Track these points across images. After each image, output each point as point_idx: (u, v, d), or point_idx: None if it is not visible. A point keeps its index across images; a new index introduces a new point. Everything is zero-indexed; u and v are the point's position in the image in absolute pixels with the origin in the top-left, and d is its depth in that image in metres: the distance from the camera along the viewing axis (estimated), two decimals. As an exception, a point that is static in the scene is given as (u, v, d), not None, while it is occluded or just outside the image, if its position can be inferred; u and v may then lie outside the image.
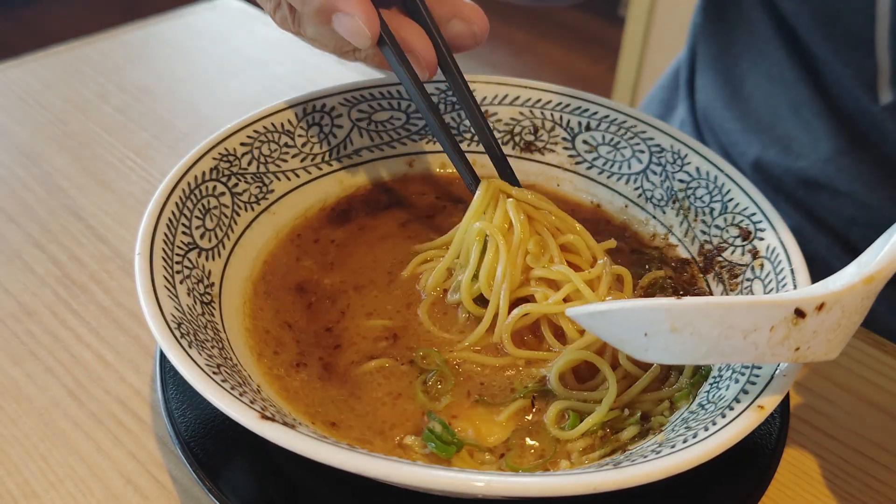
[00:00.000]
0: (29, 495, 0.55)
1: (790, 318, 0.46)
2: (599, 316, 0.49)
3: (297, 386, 0.55)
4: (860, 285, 0.46)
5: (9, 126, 0.90)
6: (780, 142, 0.88)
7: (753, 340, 0.46)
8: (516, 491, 0.42)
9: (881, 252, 0.47)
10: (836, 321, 0.47)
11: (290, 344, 0.58)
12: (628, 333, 0.48)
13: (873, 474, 0.59)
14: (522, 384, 0.56)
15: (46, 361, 0.64)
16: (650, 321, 0.47)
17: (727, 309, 0.45)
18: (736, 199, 0.63)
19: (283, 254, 0.65)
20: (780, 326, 0.46)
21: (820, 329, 0.46)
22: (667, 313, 0.46)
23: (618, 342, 0.49)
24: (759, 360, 0.47)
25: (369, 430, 0.53)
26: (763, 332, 0.46)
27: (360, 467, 0.42)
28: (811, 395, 0.65)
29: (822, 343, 0.47)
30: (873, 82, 0.77)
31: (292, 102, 0.69)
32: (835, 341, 0.47)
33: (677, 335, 0.46)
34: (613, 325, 0.48)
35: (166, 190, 0.58)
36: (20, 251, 0.74)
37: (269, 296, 0.62)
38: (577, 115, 0.73)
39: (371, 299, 0.62)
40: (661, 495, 0.52)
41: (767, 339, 0.46)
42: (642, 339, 0.47)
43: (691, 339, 0.46)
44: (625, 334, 0.48)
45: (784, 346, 0.46)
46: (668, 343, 0.47)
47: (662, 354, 0.48)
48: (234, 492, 0.51)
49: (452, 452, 0.51)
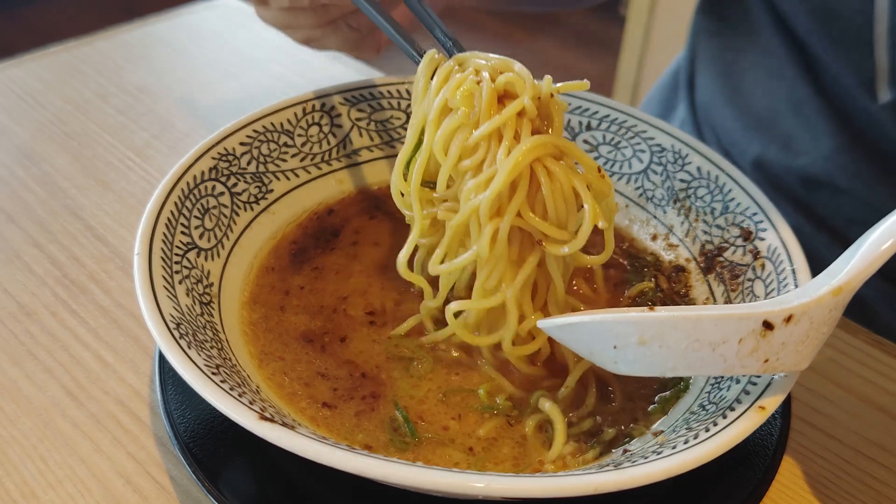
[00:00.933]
0: (28, 496, 0.54)
1: (758, 331, 0.46)
2: (569, 328, 0.50)
3: (297, 388, 0.55)
4: (828, 296, 0.46)
5: (8, 126, 0.90)
6: (780, 140, 0.88)
7: (722, 353, 0.46)
8: (517, 492, 0.42)
9: (849, 263, 0.47)
10: (804, 332, 0.47)
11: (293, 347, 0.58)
12: (598, 345, 0.49)
13: (874, 474, 0.59)
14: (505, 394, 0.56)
15: (45, 362, 0.64)
16: (619, 334, 0.47)
17: (695, 322, 0.46)
18: (737, 199, 0.63)
19: (281, 253, 0.65)
20: (749, 339, 0.46)
21: (789, 341, 0.46)
22: (635, 326, 0.46)
23: (588, 354, 0.50)
24: (729, 371, 0.47)
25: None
26: (731, 344, 0.46)
27: (360, 468, 0.42)
28: (812, 396, 0.64)
29: (792, 354, 0.47)
30: (872, 81, 0.77)
31: (292, 102, 0.68)
32: (804, 352, 0.47)
33: (646, 347, 0.47)
34: (583, 336, 0.49)
35: (165, 190, 0.58)
36: (19, 251, 0.74)
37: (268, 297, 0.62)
38: (577, 114, 0.72)
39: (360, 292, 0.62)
40: (662, 496, 0.52)
41: (736, 351, 0.46)
42: (611, 351, 0.48)
43: (660, 351, 0.47)
44: (594, 346, 0.49)
45: (753, 357, 0.46)
46: (636, 355, 0.47)
47: (632, 366, 0.48)
48: (234, 492, 0.51)
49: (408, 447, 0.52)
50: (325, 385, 0.56)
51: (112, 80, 0.99)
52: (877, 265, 0.47)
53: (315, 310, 0.61)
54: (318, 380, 0.56)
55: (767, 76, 0.88)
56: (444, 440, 0.53)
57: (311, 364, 0.57)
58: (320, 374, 0.56)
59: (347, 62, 1.06)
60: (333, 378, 0.56)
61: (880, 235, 0.47)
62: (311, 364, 0.57)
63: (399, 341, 0.59)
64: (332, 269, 0.65)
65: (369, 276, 0.64)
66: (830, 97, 0.83)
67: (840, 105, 0.82)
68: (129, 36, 1.09)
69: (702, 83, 0.98)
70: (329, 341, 0.59)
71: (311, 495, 0.52)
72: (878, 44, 0.75)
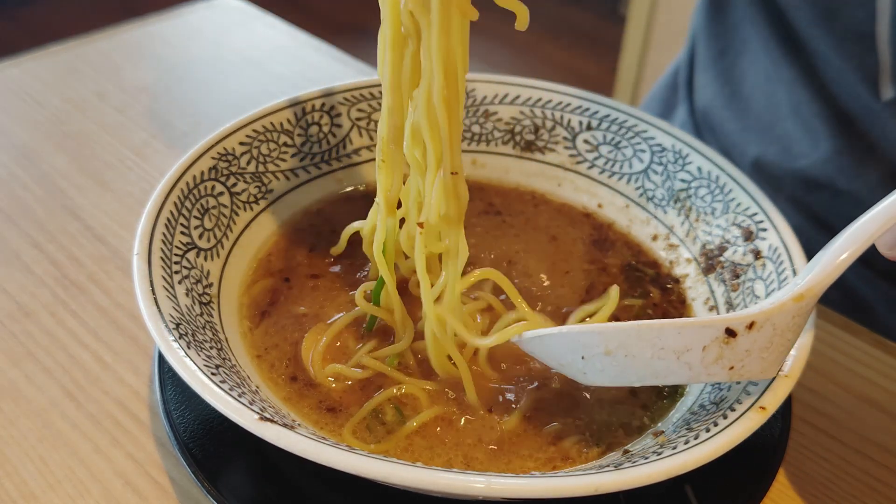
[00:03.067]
0: (27, 496, 0.54)
1: (721, 338, 0.46)
2: (538, 341, 0.51)
3: (297, 388, 0.55)
4: (790, 303, 0.47)
5: (7, 125, 0.90)
6: (780, 141, 0.88)
7: (686, 361, 0.47)
8: (517, 492, 0.42)
9: (812, 271, 0.48)
10: (768, 339, 0.47)
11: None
12: (566, 357, 0.50)
13: (874, 475, 0.59)
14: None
15: (45, 362, 0.63)
16: (585, 345, 0.48)
17: (658, 331, 0.46)
18: (738, 199, 0.63)
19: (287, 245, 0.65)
20: (713, 346, 0.46)
21: (753, 348, 0.47)
22: (600, 336, 0.47)
23: (558, 366, 0.51)
24: (695, 379, 0.47)
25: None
26: (695, 352, 0.46)
27: (360, 468, 0.42)
28: (812, 396, 0.64)
29: (756, 361, 0.47)
30: (875, 78, 0.77)
31: (291, 102, 0.68)
32: (769, 359, 0.48)
33: (612, 357, 0.48)
34: (552, 349, 0.50)
35: (165, 190, 0.58)
36: (18, 251, 0.73)
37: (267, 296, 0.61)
38: (577, 114, 0.72)
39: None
40: (663, 496, 0.52)
41: (700, 358, 0.47)
42: (580, 362, 0.49)
43: (626, 360, 0.47)
44: (563, 358, 0.50)
45: (718, 365, 0.47)
46: (604, 365, 0.48)
47: (600, 376, 0.49)
48: (233, 493, 0.51)
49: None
50: (325, 385, 0.56)
51: (111, 80, 0.99)
52: (838, 272, 0.48)
53: (316, 310, 0.61)
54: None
55: (766, 78, 0.88)
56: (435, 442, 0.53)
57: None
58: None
59: (347, 62, 1.06)
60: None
61: (843, 242, 0.47)
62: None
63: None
64: (333, 267, 0.65)
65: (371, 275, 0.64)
66: (830, 98, 0.83)
67: (840, 106, 0.82)
68: (129, 35, 1.09)
69: (701, 84, 0.98)
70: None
71: (310, 495, 0.52)
72: (880, 39, 0.74)
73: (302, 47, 1.09)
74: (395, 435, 0.53)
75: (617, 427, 0.54)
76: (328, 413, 0.54)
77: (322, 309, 0.61)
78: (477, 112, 0.74)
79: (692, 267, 0.65)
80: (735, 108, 0.92)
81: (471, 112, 0.74)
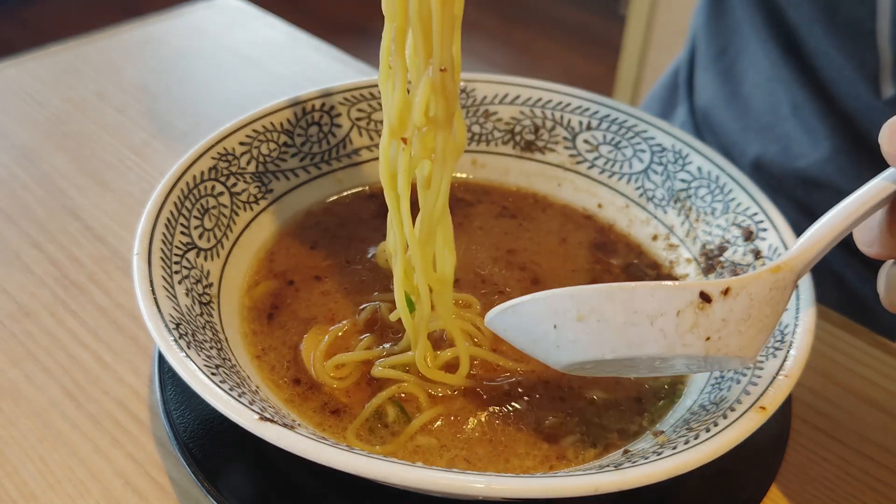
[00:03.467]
0: (27, 496, 0.54)
1: (696, 303, 0.45)
2: (511, 311, 0.49)
3: (297, 388, 0.55)
4: (766, 273, 0.46)
5: (7, 125, 0.90)
6: (780, 142, 0.88)
7: (661, 327, 0.45)
8: (517, 492, 0.42)
9: (793, 246, 0.47)
10: (745, 310, 0.45)
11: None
12: (539, 328, 0.48)
13: (875, 475, 0.59)
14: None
15: (44, 362, 0.63)
16: (558, 310, 0.46)
17: (630, 292, 0.45)
18: (738, 199, 0.63)
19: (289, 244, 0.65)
20: (687, 312, 0.45)
21: (729, 318, 0.45)
22: (572, 300, 0.46)
23: (531, 342, 0.49)
24: (670, 350, 0.45)
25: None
26: (669, 317, 0.45)
27: (360, 468, 0.42)
28: (813, 396, 0.64)
29: (734, 334, 0.45)
30: (876, 76, 0.77)
31: (291, 102, 0.68)
32: (748, 334, 0.46)
33: (584, 323, 0.46)
34: (524, 321, 0.48)
35: (165, 190, 0.58)
36: (18, 251, 0.73)
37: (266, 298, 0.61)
38: (577, 114, 0.72)
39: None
40: (663, 496, 0.52)
41: (675, 325, 0.45)
42: (552, 333, 0.47)
43: (598, 326, 0.46)
44: (536, 330, 0.48)
45: (694, 334, 0.45)
46: (576, 333, 0.46)
47: (572, 348, 0.47)
48: (233, 493, 0.51)
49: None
50: (325, 385, 0.56)
51: (111, 80, 0.99)
52: (817, 248, 0.47)
53: (318, 311, 0.61)
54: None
55: (766, 78, 0.88)
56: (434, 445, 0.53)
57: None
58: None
59: (347, 62, 1.06)
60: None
61: (826, 222, 0.47)
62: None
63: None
64: (333, 267, 0.65)
65: (372, 275, 0.64)
66: (829, 98, 0.83)
67: (839, 106, 0.82)
68: (128, 35, 1.09)
69: (701, 83, 0.98)
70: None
71: (310, 495, 0.52)
72: (880, 37, 0.74)
73: (302, 47, 1.09)
74: (398, 437, 0.53)
75: (616, 427, 0.54)
76: (332, 416, 0.54)
77: (325, 310, 0.61)
78: (477, 112, 0.74)
79: (692, 267, 0.65)
80: (735, 108, 0.92)
81: (471, 112, 0.74)
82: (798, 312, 0.53)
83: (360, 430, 0.53)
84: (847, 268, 0.87)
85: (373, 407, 0.54)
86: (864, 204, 0.46)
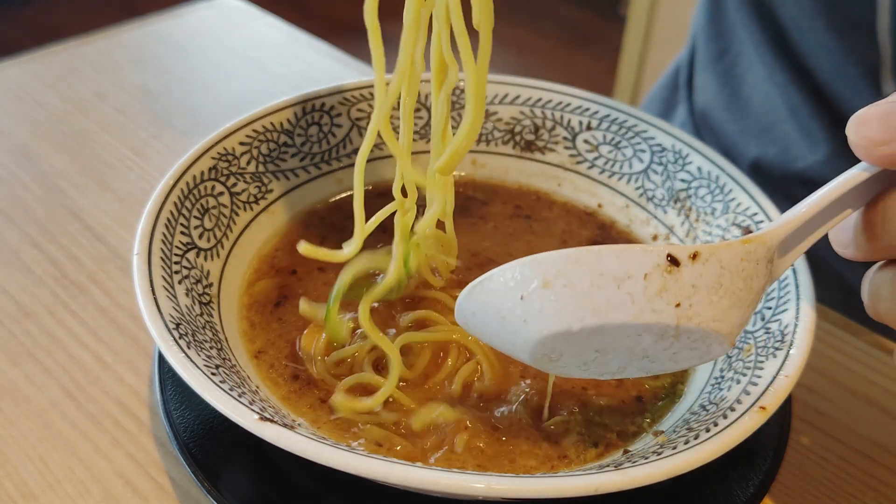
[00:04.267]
0: (27, 496, 0.54)
1: (664, 266, 0.43)
2: (480, 288, 0.47)
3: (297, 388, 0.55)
4: (737, 244, 0.45)
5: (7, 125, 0.90)
6: (778, 143, 0.88)
7: (628, 290, 0.43)
8: (517, 492, 0.42)
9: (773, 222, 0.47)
10: (715, 278, 0.44)
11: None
12: (506, 302, 0.46)
13: (875, 475, 0.59)
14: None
15: (44, 362, 0.63)
16: (524, 279, 0.45)
17: (597, 255, 0.43)
18: (738, 199, 0.63)
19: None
20: (655, 275, 0.43)
21: (699, 283, 0.44)
22: (540, 265, 0.44)
23: (499, 322, 0.47)
24: (639, 317, 0.44)
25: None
26: (637, 279, 0.43)
27: (360, 468, 0.42)
28: (813, 396, 0.64)
29: (706, 304, 0.44)
30: (876, 73, 0.77)
31: (291, 102, 0.68)
32: (720, 305, 0.44)
33: (550, 290, 0.44)
34: (492, 297, 0.46)
35: (165, 190, 0.58)
36: (18, 251, 0.73)
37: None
38: (577, 114, 0.72)
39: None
40: (662, 496, 0.52)
41: (643, 288, 0.43)
42: (520, 306, 0.45)
43: (565, 292, 0.44)
44: (504, 305, 0.46)
45: (662, 299, 0.43)
46: (542, 302, 0.44)
47: (538, 319, 0.45)
48: (233, 492, 0.51)
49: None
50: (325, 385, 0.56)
51: (111, 80, 0.99)
52: (792, 227, 0.46)
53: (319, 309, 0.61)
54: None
55: (764, 79, 0.88)
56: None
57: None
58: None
59: (347, 62, 1.06)
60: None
61: (806, 204, 0.46)
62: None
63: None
64: (334, 267, 0.65)
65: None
66: (825, 100, 0.83)
67: (836, 107, 0.82)
68: (128, 35, 1.09)
69: (701, 84, 0.98)
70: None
71: (311, 495, 0.52)
72: (880, 32, 0.74)
73: (302, 47, 1.09)
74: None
75: (616, 427, 0.54)
76: (326, 408, 0.54)
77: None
78: (477, 112, 0.74)
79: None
80: (734, 110, 0.92)
81: (471, 112, 0.74)
82: (798, 312, 0.53)
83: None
84: (847, 268, 0.87)
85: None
86: (840, 188, 0.45)
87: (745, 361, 0.52)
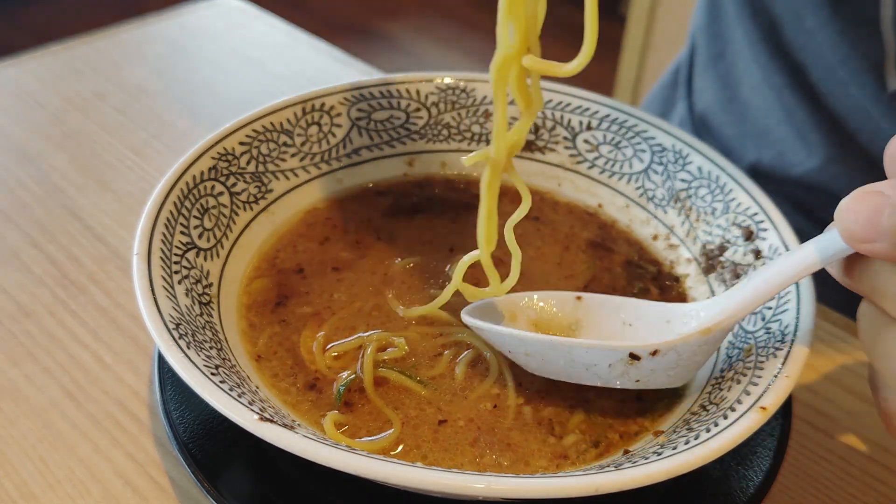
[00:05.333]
0: (27, 496, 0.54)
1: (625, 360, 0.51)
2: (479, 331, 0.55)
3: (295, 387, 0.55)
4: (696, 335, 0.50)
5: (6, 125, 0.90)
6: (775, 147, 0.88)
7: (595, 372, 0.52)
8: (517, 492, 0.42)
9: (729, 300, 0.50)
10: (673, 361, 0.51)
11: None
12: (496, 343, 0.55)
13: (875, 475, 0.59)
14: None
15: (44, 362, 0.63)
16: (512, 344, 0.54)
17: (569, 347, 0.51)
18: (738, 199, 0.63)
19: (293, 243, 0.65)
20: (618, 365, 0.51)
21: (658, 368, 0.51)
22: (520, 341, 0.53)
23: (502, 348, 0.56)
24: (606, 384, 0.53)
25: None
26: (602, 367, 0.51)
27: (360, 468, 0.42)
28: (813, 396, 0.64)
29: (663, 377, 0.52)
30: (881, 67, 0.76)
31: (291, 101, 0.68)
32: (676, 375, 0.52)
33: (531, 359, 0.53)
34: (491, 338, 0.55)
35: (164, 189, 0.58)
36: (18, 251, 0.73)
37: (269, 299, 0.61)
38: (577, 114, 0.72)
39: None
40: (662, 496, 0.52)
41: (608, 372, 0.51)
42: (508, 353, 0.55)
43: (543, 362, 0.53)
44: (494, 343, 0.56)
45: (625, 378, 0.52)
46: (526, 360, 0.54)
47: (525, 361, 0.54)
48: (233, 492, 0.51)
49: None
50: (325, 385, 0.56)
51: (111, 80, 0.99)
52: (746, 312, 0.49)
53: (320, 308, 0.61)
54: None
55: (760, 82, 0.88)
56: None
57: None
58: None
59: (347, 62, 1.06)
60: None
61: (761, 285, 0.48)
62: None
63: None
64: (349, 268, 0.65)
65: (373, 275, 0.64)
66: (820, 103, 0.83)
67: (832, 111, 0.82)
68: (128, 35, 1.09)
69: (700, 86, 0.98)
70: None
71: (310, 495, 0.52)
72: (884, 26, 0.74)
73: (302, 47, 1.09)
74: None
75: (616, 427, 0.54)
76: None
77: (327, 308, 0.61)
78: (477, 112, 0.74)
79: (692, 267, 0.65)
80: (732, 113, 0.92)
81: (471, 112, 0.74)
82: (798, 312, 0.53)
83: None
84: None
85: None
86: (806, 270, 0.47)
87: (745, 362, 0.52)
